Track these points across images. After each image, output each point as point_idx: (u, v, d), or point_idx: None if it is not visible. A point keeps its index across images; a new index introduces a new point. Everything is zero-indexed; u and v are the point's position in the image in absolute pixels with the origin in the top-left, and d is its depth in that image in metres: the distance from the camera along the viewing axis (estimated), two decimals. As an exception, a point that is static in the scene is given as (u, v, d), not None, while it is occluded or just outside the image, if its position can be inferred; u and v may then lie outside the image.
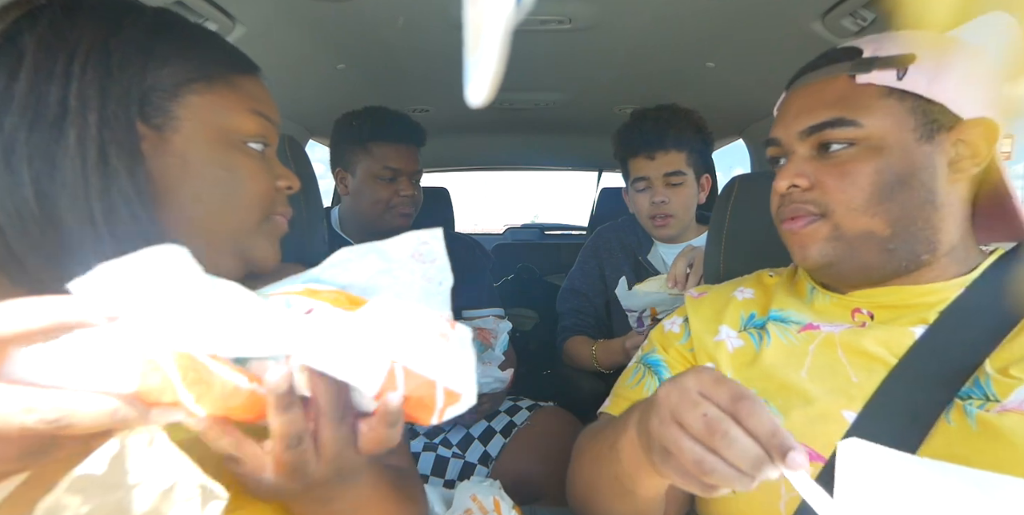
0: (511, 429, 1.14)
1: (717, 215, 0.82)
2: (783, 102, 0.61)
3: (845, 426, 0.50)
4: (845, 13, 0.93)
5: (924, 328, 0.52)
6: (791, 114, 0.57)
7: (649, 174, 1.20)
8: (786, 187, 0.56)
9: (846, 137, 0.53)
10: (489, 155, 2.58)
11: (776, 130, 0.59)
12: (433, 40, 1.11)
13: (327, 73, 1.31)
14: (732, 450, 0.34)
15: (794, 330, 0.58)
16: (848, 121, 0.53)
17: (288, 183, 0.52)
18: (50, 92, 0.39)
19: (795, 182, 0.56)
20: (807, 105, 0.56)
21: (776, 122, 0.60)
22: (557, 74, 1.39)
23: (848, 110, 0.53)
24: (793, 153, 0.57)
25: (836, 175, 0.54)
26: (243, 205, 0.48)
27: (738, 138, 1.90)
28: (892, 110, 0.52)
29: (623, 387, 0.67)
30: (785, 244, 0.60)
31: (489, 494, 0.66)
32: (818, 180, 0.55)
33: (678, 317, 0.68)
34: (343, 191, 1.25)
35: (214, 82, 0.47)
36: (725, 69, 1.27)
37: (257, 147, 0.49)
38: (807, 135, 0.56)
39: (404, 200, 1.22)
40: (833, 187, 0.54)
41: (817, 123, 0.54)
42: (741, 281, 0.69)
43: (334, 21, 1.04)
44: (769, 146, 0.61)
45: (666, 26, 1.06)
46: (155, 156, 0.44)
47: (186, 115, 0.45)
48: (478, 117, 1.83)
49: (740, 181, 0.81)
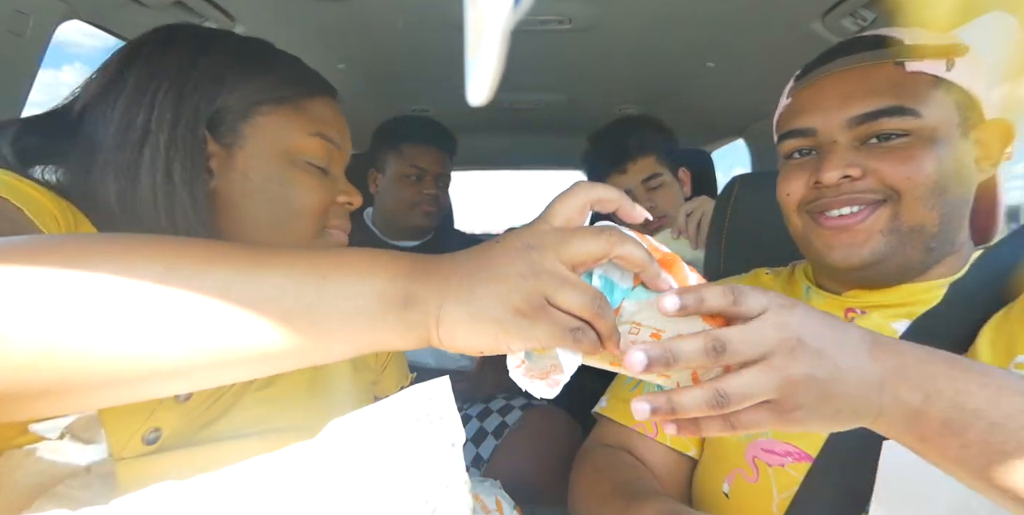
0: (503, 430, 1.13)
1: (717, 215, 0.82)
2: (806, 90, 0.56)
3: None
4: (845, 13, 0.93)
5: (906, 324, 0.52)
6: (832, 101, 0.52)
7: (628, 185, 1.23)
8: (838, 178, 0.51)
9: (903, 127, 0.50)
10: (489, 155, 2.57)
11: (807, 118, 0.54)
12: (433, 40, 1.11)
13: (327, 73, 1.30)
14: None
15: None
16: (908, 110, 0.49)
17: (348, 199, 0.54)
18: (138, 116, 0.45)
19: (848, 172, 0.51)
20: (852, 92, 0.51)
21: (804, 110, 0.54)
22: (557, 74, 1.39)
23: (904, 98, 0.49)
24: (834, 142, 0.52)
25: (895, 161, 0.50)
26: (297, 219, 0.51)
27: (738, 138, 1.90)
28: (941, 102, 0.50)
29: (621, 389, 0.66)
30: (811, 243, 0.56)
31: (492, 494, 0.66)
32: (872, 168, 0.51)
33: None
34: (373, 190, 1.34)
35: (282, 104, 0.51)
36: (725, 69, 1.27)
37: (320, 165, 0.51)
38: (856, 124, 0.51)
39: (427, 198, 1.28)
40: (894, 173, 0.50)
41: (871, 111, 0.50)
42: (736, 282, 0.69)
43: (334, 21, 1.03)
44: (790, 138, 0.56)
45: (666, 26, 1.06)
46: (222, 172, 0.48)
47: (252, 134, 0.49)
48: (478, 117, 1.83)
49: (740, 181, 0.81)
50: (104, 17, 0.87)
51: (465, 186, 3.41)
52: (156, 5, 0.87)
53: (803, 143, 0.55)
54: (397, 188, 1.28)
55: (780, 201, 0.58)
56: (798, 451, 0.50)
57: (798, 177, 0.55)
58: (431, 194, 1.28)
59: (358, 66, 1.28)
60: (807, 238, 0.56)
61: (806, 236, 0.56)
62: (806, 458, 0.50)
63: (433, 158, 1.30)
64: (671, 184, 1.24)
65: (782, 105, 0.60)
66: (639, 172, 1.21)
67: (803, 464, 0.49)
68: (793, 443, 0.51)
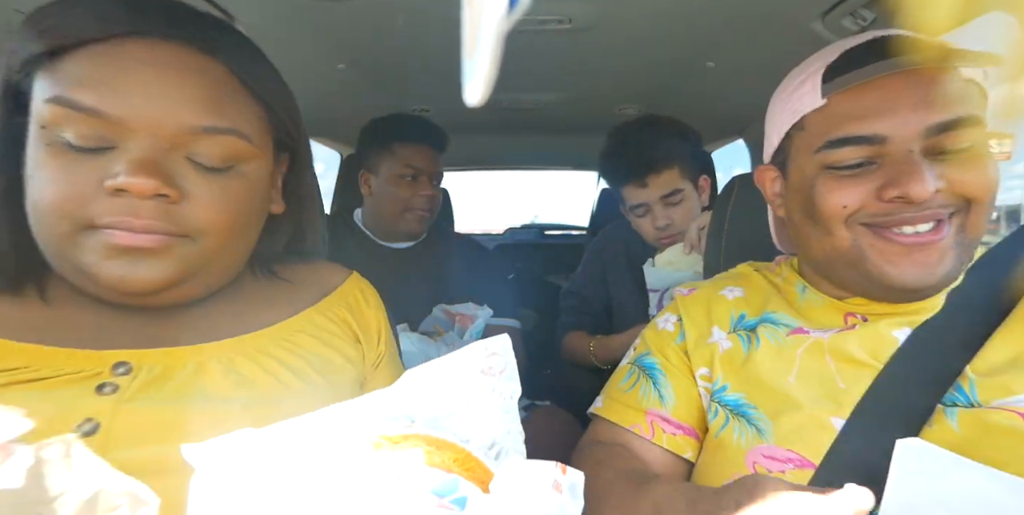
0: None
1: (717, 215, 0.82)
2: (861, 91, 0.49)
3: (834, 433, 0.49)
4: (845, 13, 0.93)
5: (908, 331, 0.51)
6: (905, 106, 0.47)
7: (646, 200, 1.16)
8: (932, 192, 0.47)
9: (972, 137, 0.47)
10: (489, 155, 2.57)
11: (874, 124, 0.48)
12: (433, 40, 1.11)
13: (327, 73, 1.31)
14: None
15: (783, 333, 0.58)
16: (978, 119, 0.47)
17: (117, 184, 0.47)
18: None
19: (938, 186, 0.47)
20: (926, 97, 0.47)
21: (867, 115, 0.48)
22: (557, 74, 1.39)
23: (972, 107, 0.47)
24: (910, 153, 0.48)
25: (971, 171, 0.47)
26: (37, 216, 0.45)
27: (738, 138, 1.90)
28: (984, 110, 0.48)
29: (616, 389, 0.66)
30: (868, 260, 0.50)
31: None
32: (951, 179, 0.47)
33: (671, 314, 0.67)
34: (366, 192, 1.31)
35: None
36: (725, 69, 1.27)
37: (75, 143, 0.42)
38: (934, 133, 0.47)
39: (423, 200, 1.25)
40: (972, 184, 0.47)
41: (949, 120, 0.46)
42: (727, 279, 0.68)
43: (334, 21, 1.03)
44: (849, 145, 0.49)
45: (666, 26, 1.06)
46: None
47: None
48: (478, 117, 1.83)
49: (740, 181, 0.81)
50: (104, 17, 0.87)
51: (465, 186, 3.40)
52: (156, 5, 0.87)
53: (866, 152, 0.50)
54: (392, 189, 1.25)
55: (823, 212, 0.52)
56: (800, 458, 0.50)
57: (855, 188, 0.50)
58: (428, 195, 1.26)
59: (358, 66, 1.28)
60: (861, 254, 0.51)
61: (860, 251, 0.51)
62: (808, 465, 0.49)
63: (426, 157, 1.27)
64: (690, 197, 1.17)
65: (810, 106, 0.53)
66: (660, 187, 1.14)
67: (805, 471, 0.49)
68: (795, 450, 0.51)
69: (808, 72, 0.54)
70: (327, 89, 1.44)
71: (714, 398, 0.58)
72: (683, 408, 0.61)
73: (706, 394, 0.60)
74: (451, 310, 1.21)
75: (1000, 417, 0.44)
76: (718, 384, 0.58)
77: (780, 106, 0.57)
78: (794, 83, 0.56)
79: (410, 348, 1.01)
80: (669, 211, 1.15)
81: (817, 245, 0.55)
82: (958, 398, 0.47)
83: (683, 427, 0.60)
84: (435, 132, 1.30)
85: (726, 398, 0.57)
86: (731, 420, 0.56)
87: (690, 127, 1.23)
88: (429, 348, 1.02)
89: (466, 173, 2.91)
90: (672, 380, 0.62)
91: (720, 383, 0.58)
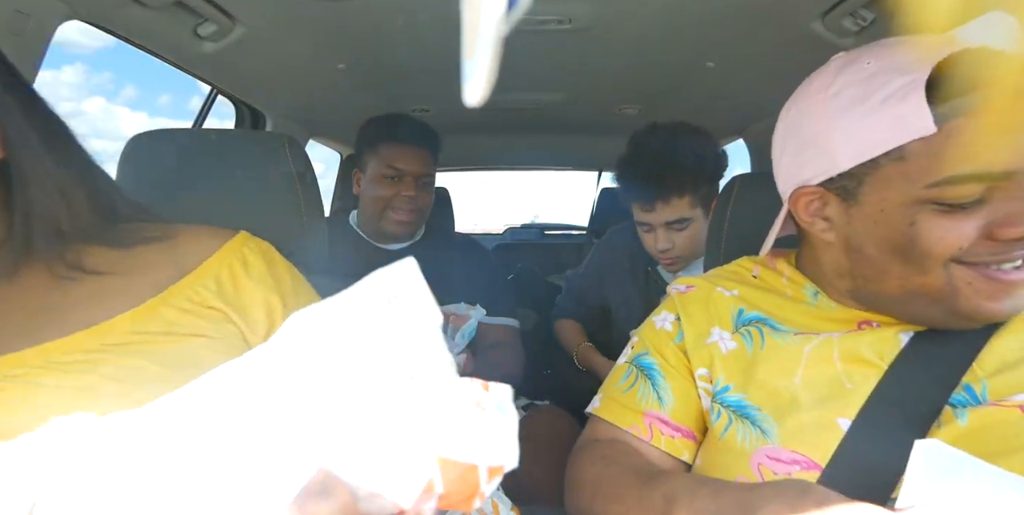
0: None
1: (717, 215, 0.82)
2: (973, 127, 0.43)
3: (840, 434, 0.49)
4: (845, 13, 0.93)
5: (912, 333, 0.51)
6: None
7: (650, 221, 1.12)
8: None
9: None
10: (489, 155, 2.58)
11: (1006, 159, 0.43)
12: (433, 40, 1.11)
13: (327, 73, 1.31)
14: None
15: (790, 332, 0.57)
16: None
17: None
18: None
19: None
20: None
21: (990, 149, 0.43)
22: (557, 74, 1.39)
23: None
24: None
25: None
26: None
27: (738, 138, 1.90)
28: None
29: (614, 389, 0.65)
30: (962, 293, 0.47)
31: (487, 496, 0.65)
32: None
33: (668, 313, 0.66)
34: (356, 191, 1.29)
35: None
36: (725, 69, 1.27)
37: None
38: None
39: (404, 200, 1.21)
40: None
41: None
42: (718, 279, 0.66)
43: (334, 21, 1.03)
44: (971, 182, 0.44)
45: (666, 26, 1.06)
46: None
47: None
48: (478, 117, 1.83)
49: (740, 181, 0.81)
50: (104, 17, 0.87)
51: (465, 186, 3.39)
52: (156, 5, 0.87)
53: (984, 189, 0.45)
54: (375, 189, 1.23)
55: (926, 252, 0.47)
56: (806, 460, 0.49)
57: (968, 228, 0.46)
58: (409, 196, 1.21)
59: (358, 66, 1.28)
60: (955, 292, 0.47)
61: (954, 290, 0.47)
62: (814, 467, 0.49)
63: (412, 158, 1.23)
64: (698, 222, 1.11)
65: (916, 132, 0.45)
66: (667, 214, 1.09)
67: (811, 473, 0.48)
68: (800, 451, 0.50)
69: (902, 87, 0.46)
70: (327, 89, 1.44)
71: (716, 399, 0.58)
72: (682, 410, 0.61)
73: (706, 396, 0.60)
74: (443, 310, 1.20)
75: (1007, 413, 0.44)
76: (719, 385, 0.58)
77: (855, 120, 0.48)
78: (877, 98, 0.47)
79: None
80: (672, 235, 1.11)
81: (899, 282, 0.51)
82: (966, 398, 0.47)
83: (681, 429, 0.60)
84: (423, 133, 1.26)
85: (728, 399, 0.57)
86: (734, 421, 0.55)
87: (715, 150, 1.13)
88: None
89: (466, 173, 2.91)
90: (671, 381, 0.62)
91: (722, 384, 0.58)
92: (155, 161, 0.72)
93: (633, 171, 1.10)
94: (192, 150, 0.73)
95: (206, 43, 1.04)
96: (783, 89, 0.61)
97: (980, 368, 0.48)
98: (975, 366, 0.48)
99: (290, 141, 0.74)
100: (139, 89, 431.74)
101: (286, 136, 0.75)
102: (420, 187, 1.24)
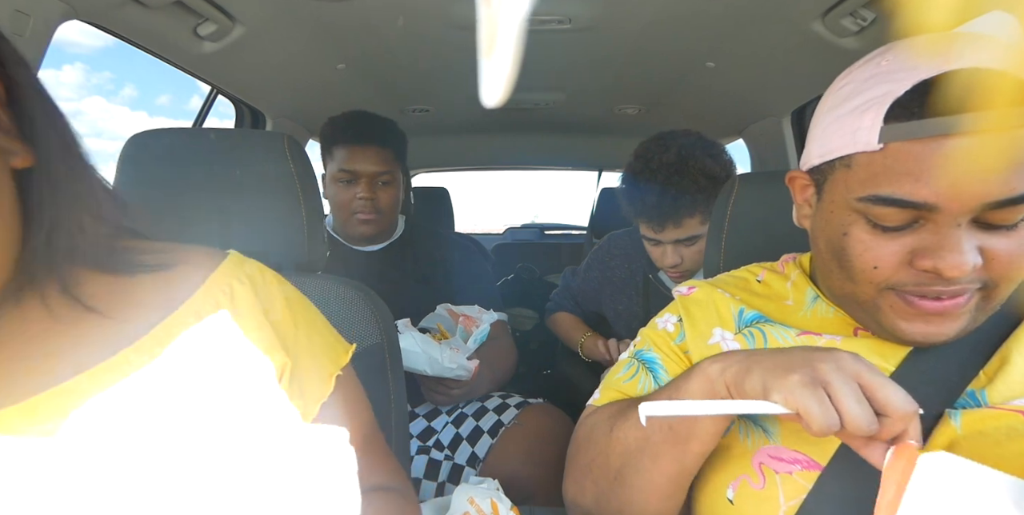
0: (499, 429, 1.12)
1: (717, 215, 0.82)
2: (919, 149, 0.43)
3: None
4: (845, 13, 0.94)
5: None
6: (966, 177, 0.41)
7: (656, 237, 1.08)
8: (969, 271, 0.43)
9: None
10: (489, 155, 2.58)
11: (926, 191, 0.42)
12: (433, 40, 1.11)
13: (327, 73, 1.31)
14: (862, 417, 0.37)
15: (792, 334, 0.57)
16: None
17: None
18: None
19: (974, 263, 0.43)
20: (993, 167, 0.41)
21: (920, 179, 0.43)
22: (557, 74, 1.39)
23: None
24: (958, 226, 0.43)
25: (1014, 247, 0.43)
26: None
27: (738, 138, 1.90)
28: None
29: (615, 380, 0.65)
30: (883, 313, 0.48)
31: (487, 496, 0.65)
32: (988, 257, 0.43)
33: (671, 315, 0.66)
34: (324, 194, 1.25)
35: None
36: (725, 69, 1.27)
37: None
38: (990, 209, 0.42)
39: (362, 204, 1.18)
40: (1008, 264, 0.43)
41: (1018, 195, 0.41)
42: (721, 283, 0.66)
43: (334, 21, 1.04)
44: (890, 206, 0.45)
45: (666, 26, 1.06)
46: None
47: None
48: (478, 117, 1.83)
49: (740, 181, 0.81)
50: (104, 17, 0.87)
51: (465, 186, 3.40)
52: (156, 5, 0.87)
53: (911, 216, 0.45)
54: (334, 193, 1.20)
55: (852, 267, 0.48)
56: (807, 459, 0.50)
57: (888, 250, 0.46)
58: (365, 197, 1.17)
59: (358, 66, 1.28)
60: (877, 308, 0.49)
61: (877, 306, 0.49)
62: (815, 466, 0.49)
63: (362, 158, 1.17)
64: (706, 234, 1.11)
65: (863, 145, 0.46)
66: (677, 234, 1.05)
67: (812, 472, 0.48)
68: (801, 450, 0.50)
69: (873, 98, 0.46)
70: (327, 89, 1.44)
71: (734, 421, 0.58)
72: None
73: None
74: (455, 310, 1.19)
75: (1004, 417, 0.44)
76: None
77: (832, 121, 0.50)
78: (854, 102, 0.48)
79: (413, 348, 0.99)
80: (682, 250, 1.08)
81: (837, 282, 0.52)
82: (968, 402, 0.47)
83: None
84: (375, 129, 1.20)
85: None
86: (736, 421, 0.55)
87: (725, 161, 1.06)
88: (432, 348, 1.01)
89: (466, 173, 2.91)
90: (673, 376, 0.62)
91: None
92: (154, 160, 0.72)
93: (642, 193, 1.04)
94: (191, 149, 0.73)
95: (206, 43, 1.04)
96: (783, 89, 0.61)
97: (984, 373, 0.48)
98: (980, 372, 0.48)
99: (290, 141, 0.74)
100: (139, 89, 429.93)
101: (286, 136, 0.75)
102: (378, 187, 1.19)
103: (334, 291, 0.71)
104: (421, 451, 1.10)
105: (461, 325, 1.17)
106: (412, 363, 0.99)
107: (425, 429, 1.15)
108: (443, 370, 1.01)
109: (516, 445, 1.09)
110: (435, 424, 1.16)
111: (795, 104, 1.42)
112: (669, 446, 0.49)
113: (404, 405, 0.73)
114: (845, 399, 0.37)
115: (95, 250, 0.41)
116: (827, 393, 0.38)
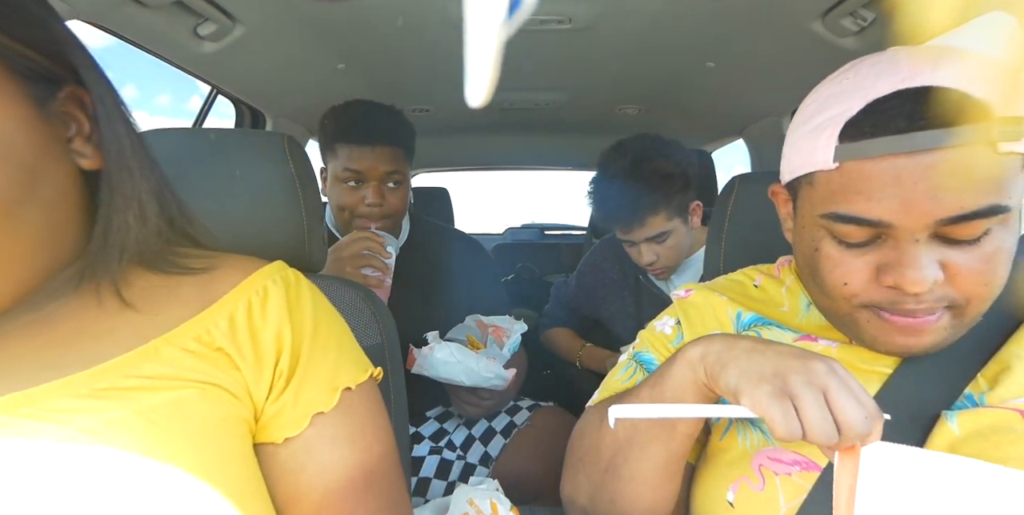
0: (511, 429, 1.14)
1: (717, 215, 0.82)
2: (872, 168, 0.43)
3: None
4: (845, 13, 0.94)
5: None
6: (917, 195, 0.41)
7: (628, 238, 1.15)
8: (929, 287, 0.43)
9: (991, 225, 0.42)
10: (489, 155, 2.58)
11: (880, 210, 0.43)
12: (433, 40, 1.11)
13: (327, 73, 1.31)
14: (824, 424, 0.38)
15: (790, 338, 0.57)
16: (1002, 207, 0.41)
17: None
18: None
19: (936, 278, 0.43)
20: (945, 185, 0.41)
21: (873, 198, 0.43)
22: (557, 74, 1.39)
23: (1001, 192, 0.41)
24: (916, 242, 0.43)
25: (977, 262, 0.43)
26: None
27: (738, 138, 1.90)
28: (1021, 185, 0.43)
29: (614, 381, 0.65)
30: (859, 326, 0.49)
31: (486, 497, 0.65)
32: (952, 273, 0.44)
33: (669, 318, 0.67)
34: (323, 191, 1.12)
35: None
36: (725, 69, 1.27)
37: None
38: (945, 224, 0.42)
39: (370, 210, 1.05)
40: (973, 279, 0.44)
41: (968, 213, 0.41)
42: (719, 287, 0.66)
43: (334, 21, 1.04)
44: (849, 224, 0.45)
45: (666, 26, 1.06)
46: None
47: None
48: (478, 117, 1.83)
49: (740, 181, 0.81)
50: (104, 17, 0.87)
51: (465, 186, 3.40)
52: (156, 5, 0.87)
53: (871, 233, 0.45)
54: (337, 195, 1.07)
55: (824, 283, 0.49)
56: (806, 460, 0.50)
57: (856, 266, 0.47)
58: (374, 203, 1.04)
59: (358, 66, 1.28)
60: (854, 321, 0.49)
61: (853, 320, 0.49)
62: (814, 467, 0.49)
63: (371, 158, 1.03)
64: (679, 231, 1.13)
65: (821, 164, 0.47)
66: (644, 232, 1.11)
67: (811, 473, 0.49)
68: (801, 452, 0.50)
69: (830, 117, 0.47)
70: (327, 89, 1.44)
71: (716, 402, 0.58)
72: None
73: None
74: (484, 321, 1.15)
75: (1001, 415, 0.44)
76: None
77: (797, 139, 0.51)
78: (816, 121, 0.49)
79: (448, 358, 0.95)
80: (655, 248, 1.14)
81: (815, 297, 0.53)
82: (965, 405, 0.47)
83: None
84: (387, 125, 1.05)
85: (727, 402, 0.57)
86: (735, 423, 0.55)
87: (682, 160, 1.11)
88: (469, 359, 0.99)
89: (466, 173, 2.91)
90: None
91: None
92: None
93: (602, 199, 1.14)
94: (191, 149, 0.73)
95: (206, 43, 1.04)
96: (783, 89, 0.61)
97: (982, 375, 0.48)
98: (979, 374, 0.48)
99: (290, 141, 0.74)
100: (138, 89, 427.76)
101: (286, 136, 0.75)
102: (387, 189, 1.07)
103: (334, 291, 0.71)
104: (433, 452, 1.11)
105: (492, 336, 1.14)
106: (449, 374, 0.96)
107: (437, 430, 1.16)
108: (480, 380, 0.99)
109: (528, 445, 1.10)
110: (447, 425, 1.17)
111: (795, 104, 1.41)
112: (657, 430, 0.50)
113: (404, 405, 0.73)
114: (809, 413, 0.38)
115: (147, 249, 0.43)
116: (794, 405, 0.39)
